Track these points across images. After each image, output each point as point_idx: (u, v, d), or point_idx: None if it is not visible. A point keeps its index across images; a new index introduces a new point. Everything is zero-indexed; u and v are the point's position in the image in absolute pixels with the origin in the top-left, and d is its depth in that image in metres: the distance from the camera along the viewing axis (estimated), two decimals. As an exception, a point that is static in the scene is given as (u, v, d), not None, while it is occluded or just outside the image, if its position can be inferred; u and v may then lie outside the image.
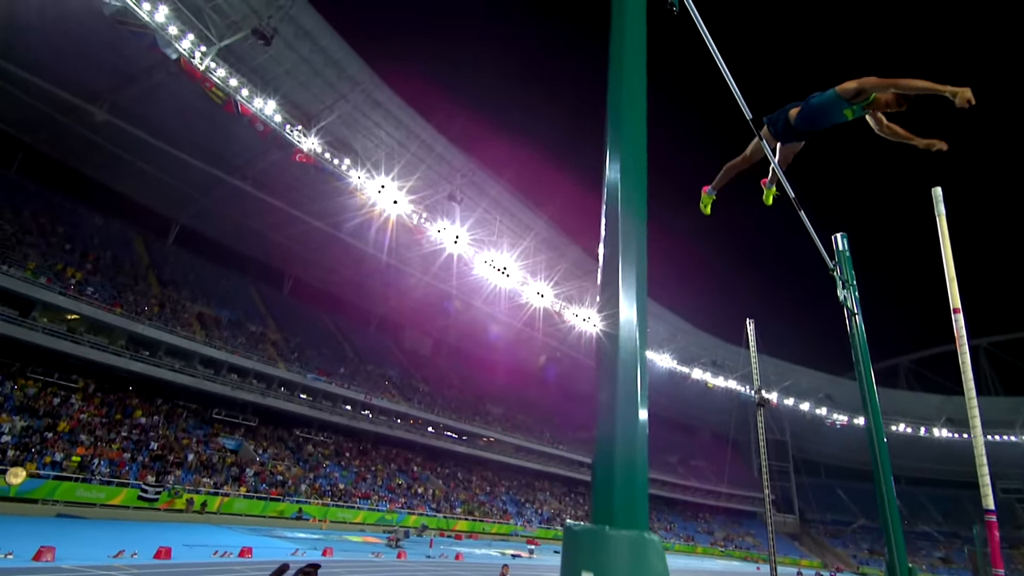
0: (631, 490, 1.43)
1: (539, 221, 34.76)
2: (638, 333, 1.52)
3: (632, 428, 1.49)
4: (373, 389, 34.64)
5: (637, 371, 1.50)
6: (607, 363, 1.55)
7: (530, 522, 35.68)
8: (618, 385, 1.50)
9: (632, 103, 1.77)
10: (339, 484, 28.09)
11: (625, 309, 1.57)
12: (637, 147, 1.71)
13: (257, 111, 23.84)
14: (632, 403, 1.48)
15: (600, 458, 1.49)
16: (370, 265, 37.57)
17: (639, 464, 1.45)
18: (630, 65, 1.82)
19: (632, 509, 1.44)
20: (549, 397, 52.93)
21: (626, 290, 1.57)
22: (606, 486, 1.45)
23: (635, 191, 1.64)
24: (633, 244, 1.60)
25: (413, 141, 28.91)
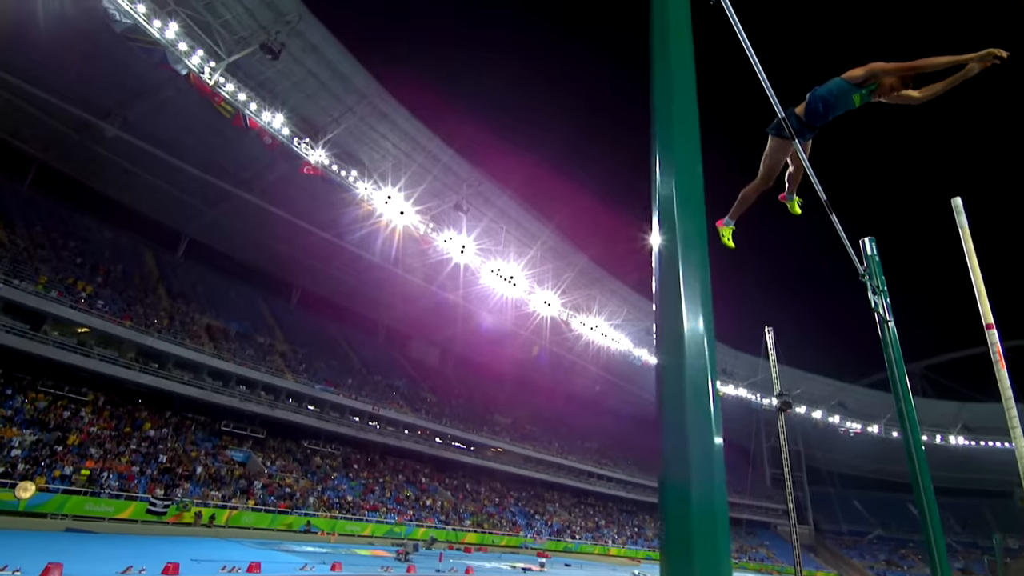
0: (712, 530, 1.27)
1: (546, 230, 34.73)
2: (708, 352, 1.39)
3: (708, 457, 1.33)
4: (380, 400, 34.53)
5: (709, 394, 1.37)
6: (673, 386, 1.40)
7: (540, 534, 35.24)
8: (687, 410, 1.35)
9: (683, 105, 1.65)
10: (347, 496, 27.91)
11: (691, 325, 1.43)
12: (691, 154, 1.59)
13: (265, 124, 24.07)
14: (706, 430, 1.34)
15: (671, 493, 1.32)
16: (377, 275, 37.66)
17: (718, 497, 1.30)
18: (677, 61, 1.69)
19: (716, 554, 1.27)
20: (557, 406, 52.60)
21: (690, 306, 1.43)
22: (682, 524, 1.28)
23: (692, 202, 1.51)
24: (695, 256, 1.47)
25: (419, 152, 29.07)
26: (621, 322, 42.09)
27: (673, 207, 1.51)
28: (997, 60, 2.94)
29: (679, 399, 1.34)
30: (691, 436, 1.32)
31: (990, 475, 51.27)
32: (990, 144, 54.44)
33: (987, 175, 56.43)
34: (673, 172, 1.56)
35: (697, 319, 1.42)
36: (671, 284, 1.46)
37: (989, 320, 3.11)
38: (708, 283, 1.45)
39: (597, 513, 43.38)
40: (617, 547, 39.01)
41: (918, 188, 59.05)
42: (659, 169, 1.61)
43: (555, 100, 55.53)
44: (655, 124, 1.70)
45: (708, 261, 1.50)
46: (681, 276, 1.43)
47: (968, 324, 35.22)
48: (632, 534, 42.85)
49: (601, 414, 56.12)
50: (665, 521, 1.31)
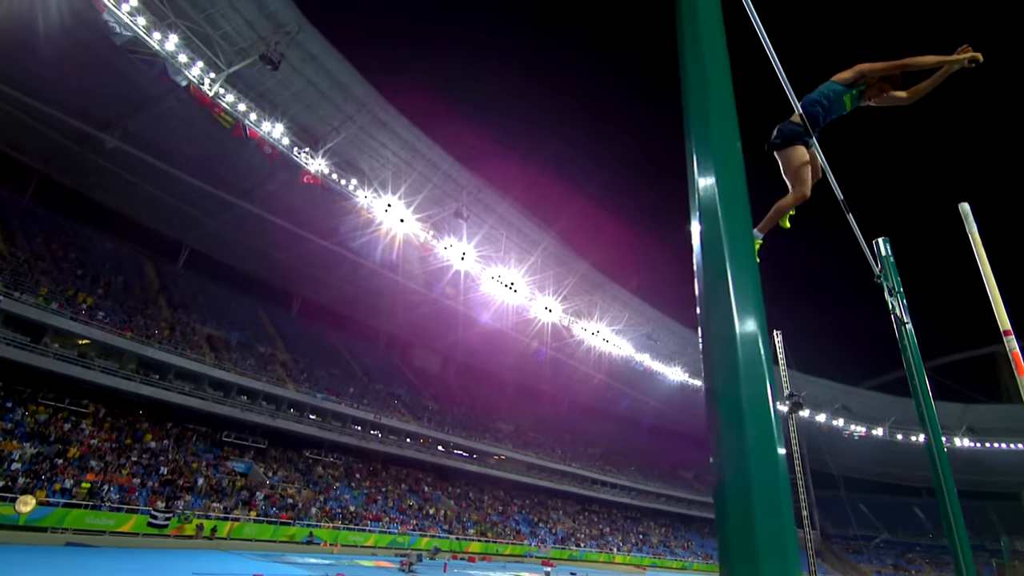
0: (782, 548, 1.16)
1: (547, 236, 34.72)
2: (763, 356, 1.30)
3: (772, 473, 1.22)
4: (382, 408, 34.38)
5: (769, 402, 1.28)
6: (727, 394, 1.31)
7: (544, 542, 34.94)
8: (746, 424, 1.26)
9: (718, 94, 1.58)
10: (350, 506, 27.70)
11: (744, 328, 1.35)
12: (730, 147, 1.52)
13: (265, 135, 24.11)
14: (768, 440, 1.24)
15: (733, 510, 1.21)
16: (378, 283, 37.61)
17: (785, 513, 1.19)
18: (709, 49, 1.62)
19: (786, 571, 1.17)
20: (560, 413, 52.39)
21: (742, 308, 1.35)
22: (747, 547, 1.18)
23: (736, 198, 1.44)
24: (743, 254, 1.39)
25: (419, 160, 29.12)
26: (623, 327, 41.96)
27: (716, 205, 1.44)
28: (973, 64, 2.97)
29: (735, 408, 1.25)
30: (750, 446, 1.23)
31: (996, 477, 50.90)
32: (990, 144, 54.54)
33: (989, 174, 56.49)
34: (712, 168, 1.48)
35: (749, 321, 1.34)
36: (719, 285, 1.38)
37: (1006, 327, 3.04)
38: (759, 282, 1.38)
39: (601, 520, 43.06)
40: (622, 555, 38.67)
41: (916, 190, 59.13)
42: (697, 166, 1.53)
43: (555, 106, 55.76)
44: (689, 118, 1.63)
45: (756, 260, 1.42)
46: (730, 276, 1.36)
47: (970, 326, 34.73)
48: (637, 541, 42.49)
49: (604, 420, 55.88)
50: (728, 541, 1.21)
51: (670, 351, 46.18)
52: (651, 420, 58.22)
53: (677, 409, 54.17)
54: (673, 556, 42.76)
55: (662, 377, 47.32)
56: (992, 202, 50.39)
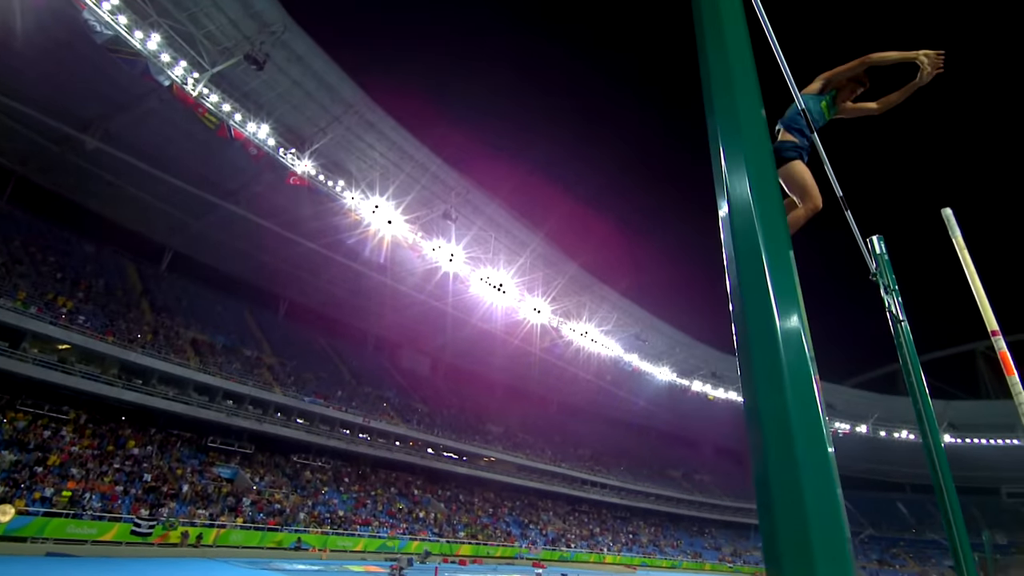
0: (841, 551, 1.11)
1: (535, 238, 34.71)
2: (808, 352, 1.25)
3: (825, 469, 1.17)
4: (371, 411, 34.10)
5: (817, 401, 1.23)
6: (770, 395, 1.25)
7: (534, 543, 34.90)
8: (792, 421, 1.20)
9: (747, 99, 1.55)
10: (338, 511, 27.41)
11: (786, 324, 1.30)
12: (762, 151, 1.49)
13: (250, 135, 23.82)
14: (818, 438, 1.20)
15: (782, 513, 1.14)
16: (365, 286, 37.34)
17: (840, 514, 1.14)
18: (733, 40, 1.59)
19: None
20: (549, 414, 52.42)
21: (783, 305, 1.31)
22: (802, 546, 1.11)
23: (771, 198, 1.40)
24: (782, 257, 1.35)
25: (407, 161, 28.96)
26: (612, 328, 42.13)
27: (749, 203, 1.40)
28: (934, 72, 2.98)
29: (781, 409, 1.20)
30: (800, 447, 1.17)
31: (977, 472, 51.91)
32: (975, 147, 55.77)
33: (976, 177, 57.76)
34: (742, 164, 1.45)
35: (792, 317, 1.30)
36: (757, 282, 1.33)
37: (994, 327, 3.08)
38: (797, 280, 1.34)
39: (591, 521, 43.13)
40: (612, 555, 38.77)
41: (898, 192, 60.27)
42: (726, 162, 1.50)
43: (544, 108, 55.91)
44: (714, 113, 1.60)
45: (793, 257, 1.38)
46: (768, 275, 1.32)
47: (950, 324, 35.46)
48: (627, 541, 42.62)
49: (593, 421, 56.03)
50: (778, 544, 1.15)
51: (658, 351, 46.46)
52: (640, 420, 58.52)
53: (665, 409, 54.50)
54: (663, 555, 42.96)
55: (650, 377, 47.58)
56: (978, 204, 51.57)
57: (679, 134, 62.58)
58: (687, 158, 62.01)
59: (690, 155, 62.02)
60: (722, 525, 53.59)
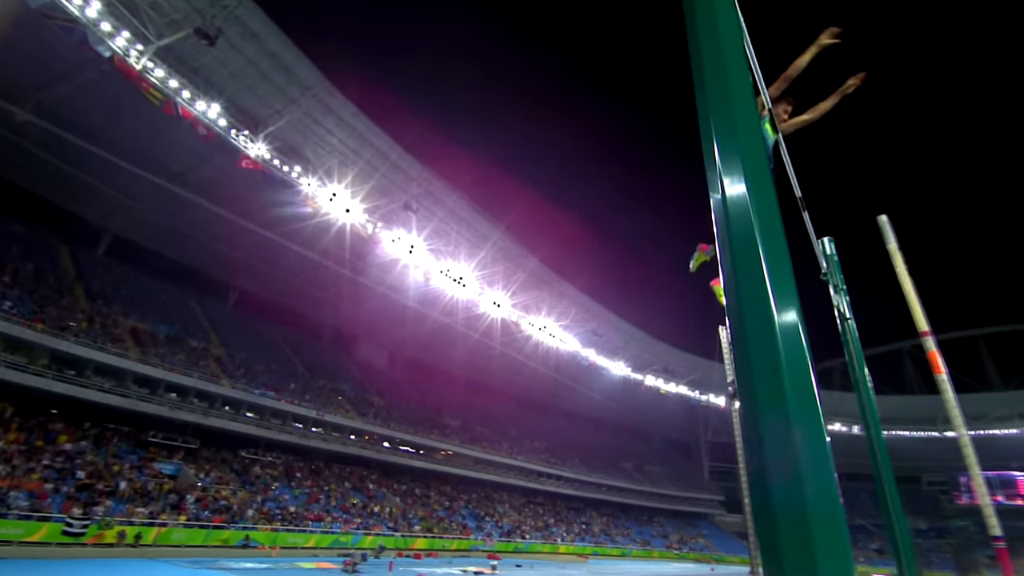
0: (840, 540, 1.12)
1: (496, 231, 34.66)
2: (805, 344, 1.28)
3: (823, 459, 1.17)
4: (325, 405, 33.29)
5: (814, 390, 1.26)
6: (767, 385, 1.26)
7: (490, 535, 35.13)
8: (791, 410, 1.21)
9: (740, 95, 1.56)
10: (289, 507, 26.67)
11: (783, 317, 1.32)
12: (757, 149, 1.51)
13: (199, 114, 22.63)
14: (816, 427, 1.21)
15: (781, 502, 1.09)
16: (322, 276, 36.33)
17: (836, 501, 1.14)
18: (728, 44, 1.59)
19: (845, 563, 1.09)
20: (507, 407, 52.69)
21: (781, 299, 1.32)
22: (802, 534, 1.10)
23: (767, 198, 1.43)
24: (779, 253, 1.37)
25: (367, 149, 28.26)
26: (570, 323, 42.73)
27: (747, 201, 1.42)
28: (836, 39, 3.10)
29: (779, 399, 1.22)
30: (798, 435, 1.16)
31: (900, 462, 55.70)
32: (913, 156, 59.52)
33: (912, 185, 61.66)
34: (739, 163, 1.46)
35: (789, 310, 1.31)
36: (754, 281, 1.34)
37: (924, 328, 3.29)
38: (792, 277, 1.38)
39: (546, 512, 43.78)
40: (566, 544, 39.53)
41: (844, 195, 63.68)
42: (721, 162, 1.51)
43: (504, 102, 55.72)
44: (709, 117, 1.61)
45: (788, 251, 1.41)
46: (765, 266, 1.34)
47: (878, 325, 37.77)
48: (580, 531, 43.55)
49: (550, 414, 56.77)
50: (779, 541, 1.11)
51: (614, 346, 47.50)
52: (595, 414, 59.73)
53: (619, 402, 55.87)
54: (613, 544, 44.17)
55: (606, 372, 48.63)
56: (921, 210, 55.13)
57: (640, 131, 63.82)
58: (648, 155, 63.33)
59: (651, 153, 63.32)
60: (670, 514, 55.55)
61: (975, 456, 2.92)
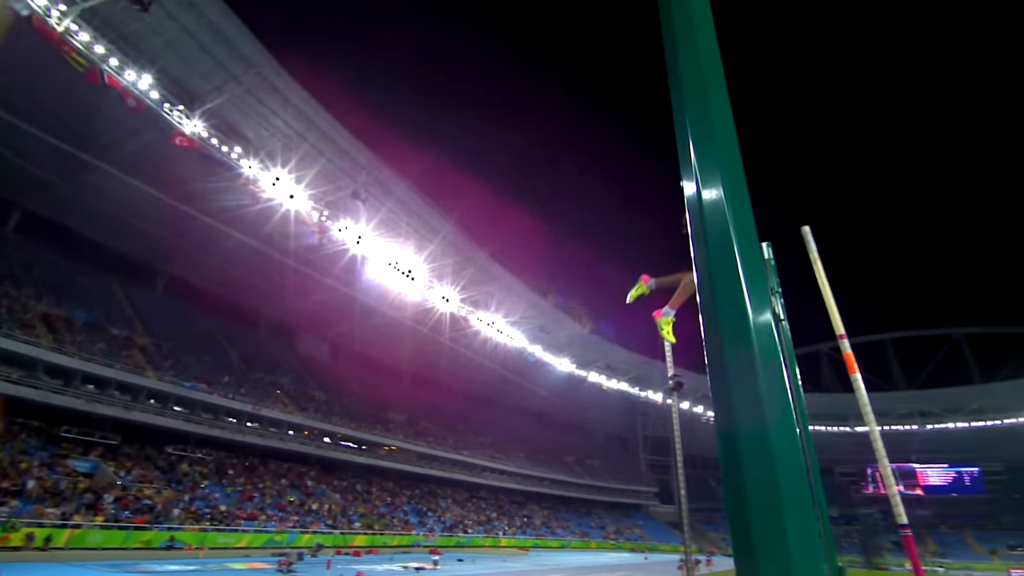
0: (812, 547, 1.16)
1: (446, 224, 34.32)
2: (786, 347, 1.34)
3: (797, 466, 1.21)
4: (263, 399, 31.90)
5: (790, 403, 1.30)
6: (745, 394, 1.30)
7: (432, 531, 34.94)
8: (766, 412, 1.26)
9: (718, 101, 1.59)
10: (220, 506, 25.39)
11: (758, 318, 1.37)
12: (733, 153, 1.56)
13: (128, 84, 20.98)
14: (793, 444, 1.25)
15: (756, 504, 1.18)
16: (263, 264, 34.70)
17: (811, 511, 1.18)
18: (707, 53, 1.62)
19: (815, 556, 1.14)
20: (454, 402, 52.47)
21: (756, 301, 1.38)
22: (776, 545, 1.12)
23: (743, 205, 1.47)
24: (755, 260, 1.43)
25: (313, 132, 27.14)
26: (518, 319, 43.07)
27: (724, 209, 1.46)
28: None
29: (754, 405, 1.27)
30: (772, 429, 1.22)
31: (817, 455, 60.42)
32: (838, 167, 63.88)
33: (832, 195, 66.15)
34: (717, 171, 1.51)
35: (764, 313, 1.37)
36: (732, 286, 1.39)
37: (841, 331, 3.50)
38: (767, 283, 1.44)
39: (489, 506, 44.05)
40: (507, 538, 39.96)
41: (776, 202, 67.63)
42: (699, 170, 1.55)
43: (455, 94, 55.10)
44: (687, 122, 1.64)
45: (765, 265, 1.48)
46: (743, 279, 1.39)
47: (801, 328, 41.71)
48: (522, 524, 44.14)
49: (496, 409, 57.06)
50: (752, 535, 1.16)
51: (560, 343, 48.32)
52: (540, 409, 60.61)
53: (563, 398, 56.96)
54: (554, 536, 45.10)
55: (552, 368, 49.42)
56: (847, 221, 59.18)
57: (591, 128, 64.76)
58: (602, 154, 64.24)
59: (605, 151, 64.33)
60: (609, 506, 57.36)
61: (883, 449, 3.10)
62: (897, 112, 58.96)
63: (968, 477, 55.65)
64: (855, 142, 61.58)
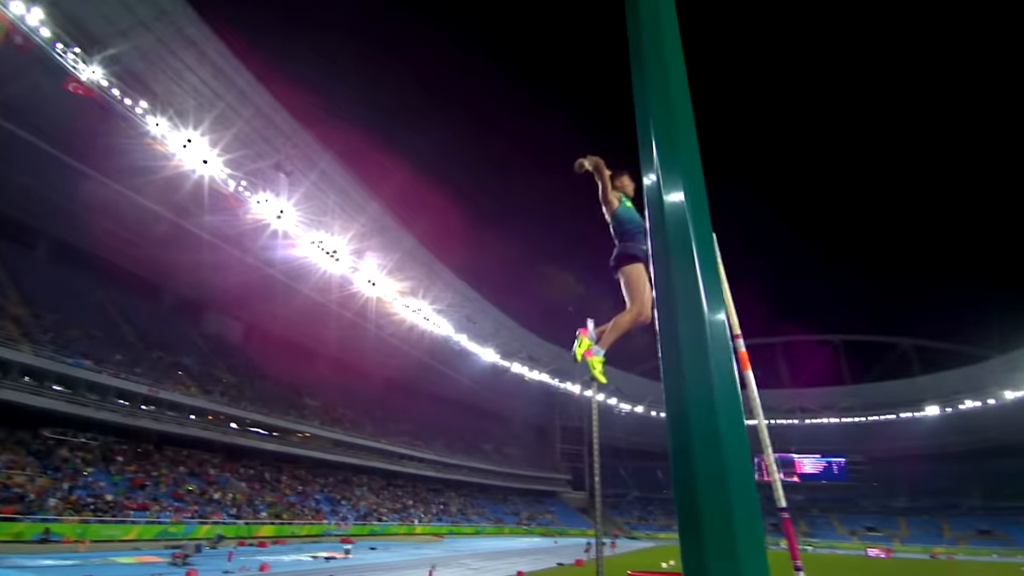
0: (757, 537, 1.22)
1: (373, 203, 33.08)
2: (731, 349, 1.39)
3: (744, 456, 1.30)
4: (161, 380, 29.31)
5: (739, 397, 1.36)
6: (700, 388, 1.36)
7: (345, 520, 34.02)
8: (716, 401, 1.32)
9: (682, 108, 1.64)
10: (106, 495, 23.12)
11: (713, 318, 1.41)
12: (694, 162, 1.60)
13: (14, 18, 18.29)
14: (740, 433, 1.31)
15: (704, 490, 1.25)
16: (164, 233, 31.67)
17: (754, 493, 1.26)
18: (672, 60, 1.66)
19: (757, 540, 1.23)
20: (374, 389, 51.21)
21: (712, 303, 1.44)
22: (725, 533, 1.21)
23: (702, 209, 1.53)
24: (711, 262, 1.48)
25: (232, 93, 24.99)
26: (445, 308, 42.76)
27: (685, 213, 1.53)
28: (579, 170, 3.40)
29: (707, 399, 1.32)
30: (722, 418, 1.32)
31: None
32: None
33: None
34: (679, 177, 1.57)
35: (719, 313, 1.43)
36: (689, 285, 1.44)
37: (737, 332, 3.69)
38: (722, 281, 1.49)
39: (405, 494, 43.62)
40: (423, 525, 39.83)
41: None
42: (662, 175, 1.60)
43: (381, 72, 52.99)
44: (651, 125, 1.69)
45: (720, 263, 1.51)
46: (700, 278, 1.45)
47: None
48: (438, 511, 44.17)
49: (417, 397, 56.39)
50: (702, 524, 1.26)
51: (485, 333, 48.61)
52: (462, 397, 60.66)
53: (486, 387, 57.45)
54: (469, 523, 45.59)
55: (476, 357, 49.64)
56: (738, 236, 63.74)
57: (525, 114, 64.73)
58: (532, 138, 64.14)
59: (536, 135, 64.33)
60: (523, 493, 58.83)
61: (768, 440, 3.39)
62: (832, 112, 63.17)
63: (836, 466, 62.80)
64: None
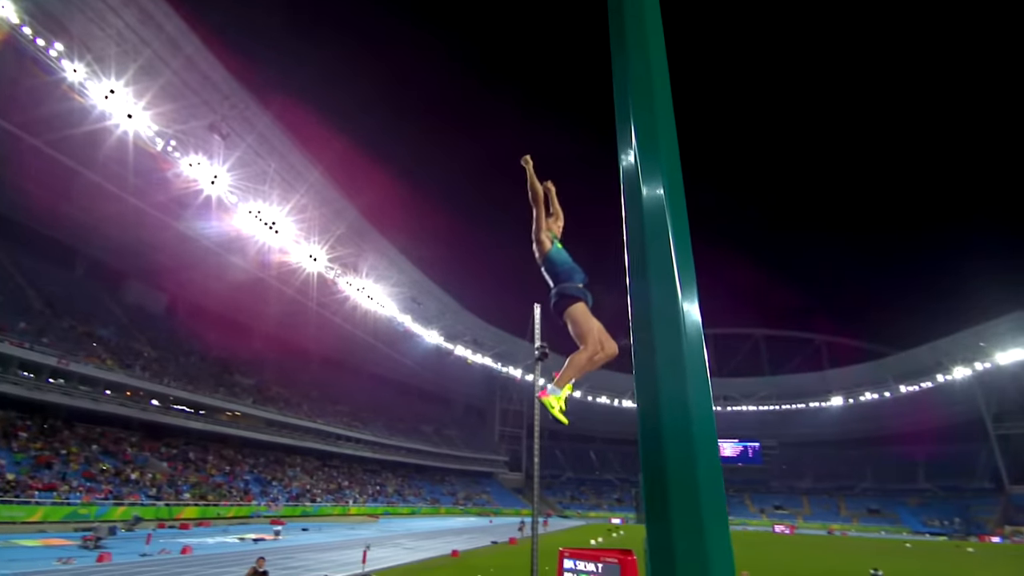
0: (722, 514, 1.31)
1: (314, 172, 31.53)
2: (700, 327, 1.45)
3: (713, 448, 1.36)
4: (73, 351, 26.96)
5: (709, 386, 1.41)
6: (670, 381, 1.41)
7: (275, 501, 32.96)
8: (688, 389, 1.38)
9: (663, 107, 1.63)
10: (7, 474, 21.16)
11: (687, 309, 1.47)
12: (673, 160, 1.60)
13: None
14: (708, 415, 1.37)
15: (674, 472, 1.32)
16: (86, 194, 29.02)
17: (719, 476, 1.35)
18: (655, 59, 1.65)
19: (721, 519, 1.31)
20: (311, 368, 49.61)
21: (686, 295, 1.46)
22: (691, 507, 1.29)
23: (680, 203, 1.54)
24: (684, 248, 1.50)
25: (163, 44, 22.94)
26: (390, 288, 41.91)
27: (663, 206, 1.53)
28: None
29: (679, 371, 1.41)
30: (692, 405, 1.38)
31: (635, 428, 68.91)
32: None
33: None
34: (659, 173, 1.57)
35: (693, 304, 1.50)
36: (665, 276, 1.51)
37: None
38: (694, 273, 1.52)
39: (340, 475, 42.80)
40: (357, 506, 39.32)
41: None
42: (642, 171, 1.60)
43: (332, 38, 50.50)
44: (632, 123, 1.71)
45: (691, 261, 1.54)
46: (676, 269, 1.47)
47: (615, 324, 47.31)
48: (374, 492, 43.71)
49: (358, 376, 55.22)
50: (669, 491, 1.34)
51: (430, 315, 48.17)
52: (404, 378, 60.03)
53: (429, 369, 57.12)
54: (405, 503, 45.46)
55: (420, 339, 49.14)
56: None
57: (475, 95, 63.70)
58: (481, 115, 63.06)
59: (487, 114, 63.45)
60: (461, 473, 59.29)
61: None
62: None
63: (751, 450, 67.58)
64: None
